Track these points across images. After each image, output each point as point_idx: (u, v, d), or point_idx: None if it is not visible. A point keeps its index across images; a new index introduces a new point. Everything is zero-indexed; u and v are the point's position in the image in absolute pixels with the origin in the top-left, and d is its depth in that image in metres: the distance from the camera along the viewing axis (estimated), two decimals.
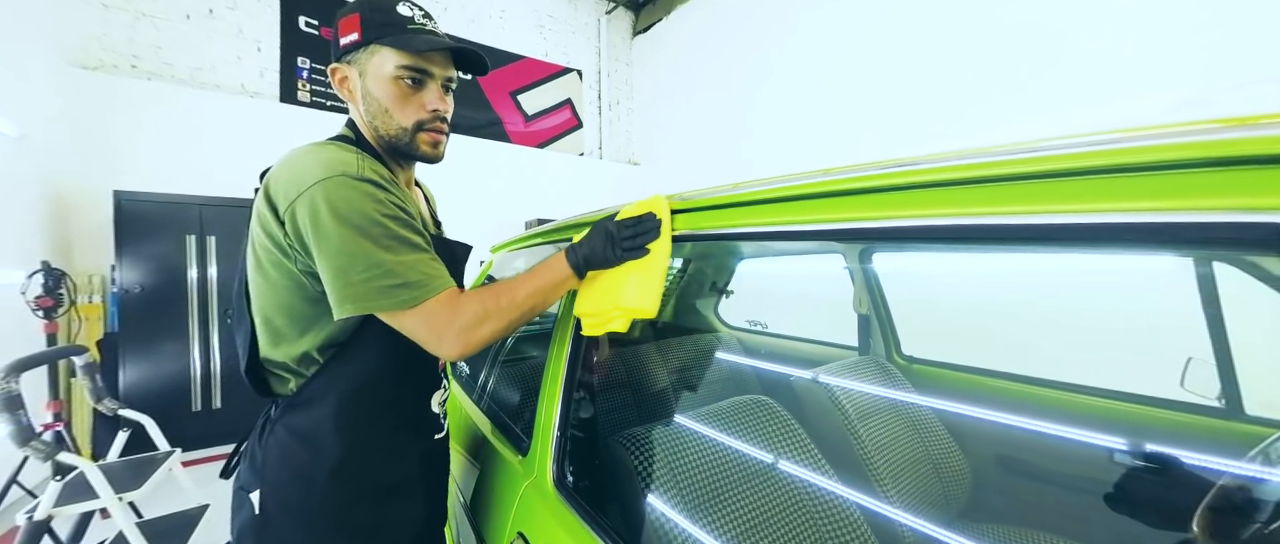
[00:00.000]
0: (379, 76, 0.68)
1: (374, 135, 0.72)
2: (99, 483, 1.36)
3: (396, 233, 0.62)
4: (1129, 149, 0.30)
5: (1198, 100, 2.11)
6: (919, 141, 3.00)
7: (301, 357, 0.67)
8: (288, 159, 0.65)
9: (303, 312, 0.65)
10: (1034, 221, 0.34)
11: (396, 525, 0.72)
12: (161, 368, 2.84)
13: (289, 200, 0.60)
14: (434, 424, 0.80)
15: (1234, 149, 0.27)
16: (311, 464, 0.67)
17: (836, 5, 3.58)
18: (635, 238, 0.66)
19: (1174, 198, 0.28)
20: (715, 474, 0.78)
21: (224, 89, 3.42)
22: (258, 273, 0.66)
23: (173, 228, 2.88)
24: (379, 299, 0.60)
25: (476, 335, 0.63)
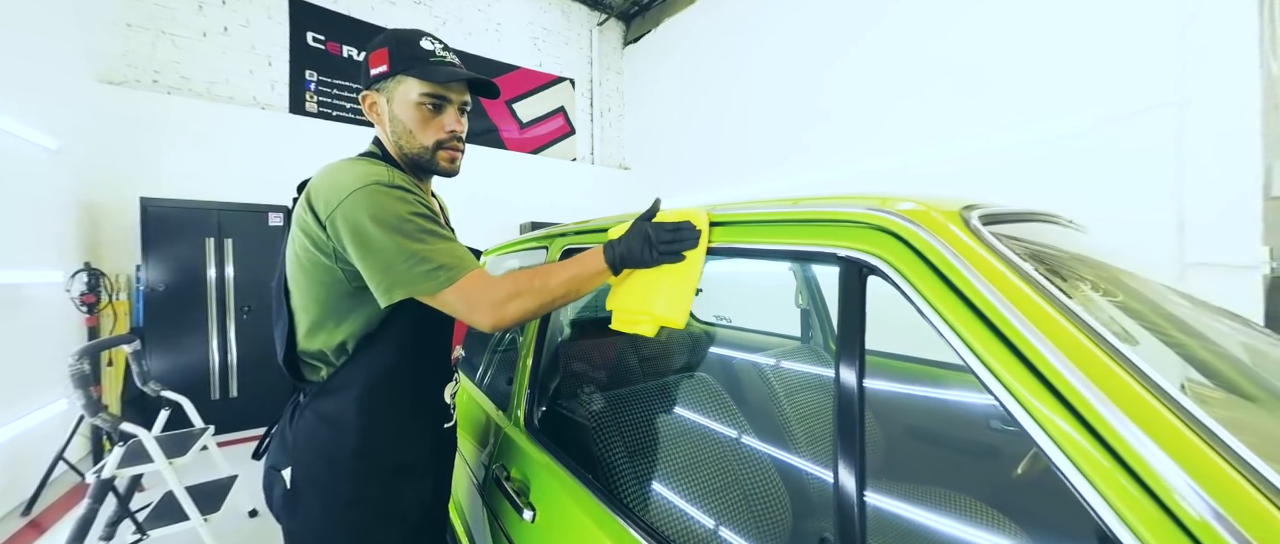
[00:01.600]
0: (405, 102, 0.77)
1: (398, 152, 0.81)
2: (154, 450, 1.61)
3: (427, 227, 0.70)
4: (820, 212, 0.57)
5: (1113, 118, 2.38)
6: (883, 146, 3.27)
7: (337, 346, 0.75)
8: (327, 172, 0.73)
9: (341, 304, 0.74)
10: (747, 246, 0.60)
11: (406, 503, 0.79)
12: (183, 359, 3.08)
13: (331, 208, 0.68)
14: (445, 413, 0.88)
15: (800, 216, 0.53)
16: (335, 445, 0.74)
17: (813, 21, 3.85)
18: (672, 244, 0.69)
19: (790, 239, 0.55)
20: (650, 427, 1.03)
21: (237, 101, 3.67)
22: (300, 272, 0.74)
23: (193, 231, 3.12)
24: (422, 283, 0.67)
25: (509, 310, 0.69)
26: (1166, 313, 0.67)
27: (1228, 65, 2.12)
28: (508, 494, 0.89)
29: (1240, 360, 0.67)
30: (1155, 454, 0.33)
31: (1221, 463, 0.32)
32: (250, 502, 2.23)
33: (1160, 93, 2.26)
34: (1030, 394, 0.37)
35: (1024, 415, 0.37)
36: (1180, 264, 2.23)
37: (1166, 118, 2.25)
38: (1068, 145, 2.51)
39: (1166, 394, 0.35)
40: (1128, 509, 0.33)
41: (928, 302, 0.44)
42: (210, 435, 2.03)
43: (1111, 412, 0.35)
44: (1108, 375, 0.36)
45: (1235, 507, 0.31)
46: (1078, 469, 0.35)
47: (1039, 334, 0.38)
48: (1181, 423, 0.33)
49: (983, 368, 0.40)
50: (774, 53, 4.14)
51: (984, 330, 0.40)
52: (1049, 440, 0.36)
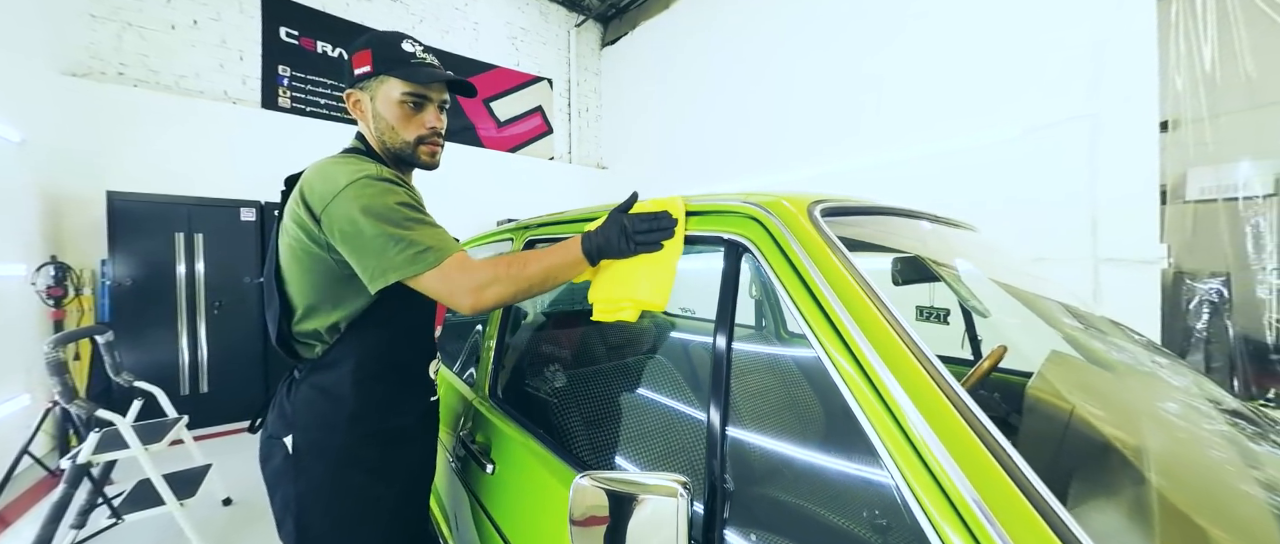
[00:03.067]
0: (387, 100, 0.83)
1: (381, 147, 0.87)
2: (130, 435, 1.67)
3: (412, 215, 0.76)
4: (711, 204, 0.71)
5: (1037, 127, 2.63)
6: (845, 150, 3.48)
7: (330, 327, 0.81)
8: (319, 168, 0.79)
9: (334, 290, 0.80)
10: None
11: (397, 466, 0.87)
12: (151, 355, 3.07)
13: (325, 202, 0.74)
14: (430, 387, 0.95)
15: (698, 208, 0.67)
16: (333, 412, 0.81)
17: (783, 31, 4.05)
18: (650, 233, 0.72)
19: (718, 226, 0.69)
20: (606, 399, 1.17)
21: (208, 96, 3.65)
22: (293, 261, 0.80)
23: (162, 226, 3.11)
24: (408, 266, 0.72)
25: (487, 295, 0.73)
26: (966, 286, 0.84)
27: (1132, 83, 2.38)
28: (473, 454, 1.01)
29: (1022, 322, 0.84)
30: (900, 393, 0.46)
31: (942, 397, 0.45)
32: (225, 490, 2.28)
33: (1077, 106, 2.51)
34: (831, 345, 0.51)
35: (825, 359, 0.52)
36: (1093, 259, 2.49)
37: (1082, 128, 2.50)
38: (1001, 151, 2.76)
39: (917, 346, 0.49)
40: (882, 430, 0.46)
41: (777, 275, 0.58)
42: (184, 425, 2.08)
43: (876, 358, 0.48)
44: (882, 333, 0.50)
45: (943, 428, 0.43)
46: (854, 397, 0.48)
47: (842, 304, 0.53)
48: (919, 365, 0.47)
49: (806, 326, 0.54)
50: (746, 59, 4.33)
51: (809, 299, 0.55)
52: (841, 378, 0.50)
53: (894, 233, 0.81)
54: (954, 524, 0.41)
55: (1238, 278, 2.96)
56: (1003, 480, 0.41)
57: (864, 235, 0.73)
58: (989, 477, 0.41)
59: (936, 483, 0.42)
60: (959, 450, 0.43)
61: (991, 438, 0.44)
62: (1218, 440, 0.73)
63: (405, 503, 0.89)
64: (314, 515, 0.81)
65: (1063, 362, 0.95)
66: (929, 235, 0.90)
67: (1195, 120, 3.09)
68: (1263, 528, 0.53)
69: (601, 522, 0.50)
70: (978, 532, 0.39)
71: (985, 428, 0.45)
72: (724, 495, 0.58)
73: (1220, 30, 2.93)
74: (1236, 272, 2.97)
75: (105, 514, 1.74)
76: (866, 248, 0.72)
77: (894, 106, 3.24)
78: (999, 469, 0.42)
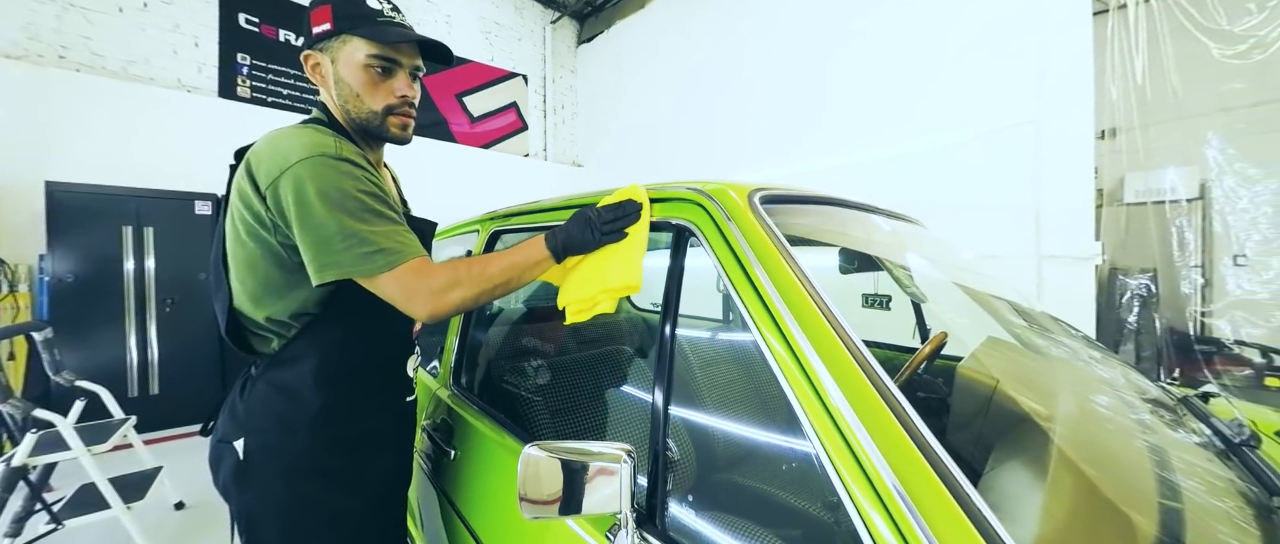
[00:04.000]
0: (350, 64, 0.73)
1: (346, 118, 0.77)
2: (71, 436, 1.59)
3: (372, 207, 0.67)
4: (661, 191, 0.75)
5: (987, 132, 2.79)
6: (813, 150, 3.59)
7: (280, 321, 0.73)
8: (269, 140, 0.69)
9: (279, 280, 0.71)
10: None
11: (369, 473, 0.78)
12: (95, 355, 2.90)
13: (272, 178, 0.65)
14: (407, 386, 0.86)
15: (666, 194, 0.71)
16: (293, 415, 0.72)
17: (754, 33, 4.14)
18: (615, 222, 0.69)
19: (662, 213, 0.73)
20: (565, 384, 1.19)
21: (159, 83, 3.47)
22: (237, 244, 0.71)
23: (108, 219, 2.94)
24: (358, 265, 0.65)
25: (447, 300, 0.67)
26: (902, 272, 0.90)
27: (1071, 92, 2.55)
28: (437, 443, 1.02)
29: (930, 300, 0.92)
30: (820, 366, 0.49)
31: (860, 372, 0.48)
32: (177, 494, 2.19)
33: (1023, 112, 2.68)
34: (764, 326, 0.55)
35: (759, 339, 0.55)
36: (1037, 256, 2.66)
37: (1027, 133, 2.66)
38: (955, 154, 2.91)
39: (842, 329, 0.52)
40: (807, 406, 0.48)
41: (717, 257, 0.62)
42: (131, 426, 1.98)
43: (803, 337, 0.52)
44: (808, 311, 0.54)
45: (861, 405, 0.46)
46: (784, 376, 0.51)
47: (774, 287, 0.56)
48: (844, 346, 0.51)
49: (743, 308, 0.58)
50: (717, 62, 4.41)
51: (745, 282, 0.59)
52: (773, 358, 0.53)
53: (837, 223, 0.87)
54: (868, 495, 0.42)
55: (1164, 275, 3.22)
56: (917, 458, 0.43)
57: (808, 224, 0.78)
58: (903, 454, 0.43)
59: (852, 454, 0.44)
60: (875, 426, 0.45)
61: (906, 415, 0.46)
62: (1118, 408, 0.81)
63: (374, 516, 0.79)
64: (265, 530, 0.72)
65: (996, 346, 1.03)
66: (871, 226, 0.97)
67: (1131, 129, 3.34)
68: (1141, 475, 0.60)
69: (550, 488, 0.53)
70: (889, 503, 0.41)
71: (900, 405, 0.47)
72: (667, 464, 0.62)
73: (1150, 47, 3.18)
74: (1163, 269, 3.23)
75: (44, 520, 1.65)
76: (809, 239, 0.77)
77: (855, 110, 3.38)
78: (912, 446, 0.43)
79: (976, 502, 0.40)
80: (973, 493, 0.41)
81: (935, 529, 0.38)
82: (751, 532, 0.74)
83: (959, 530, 0.38)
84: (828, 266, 1.11)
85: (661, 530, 0.57)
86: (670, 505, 0.60)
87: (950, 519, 0.39)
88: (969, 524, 0.38)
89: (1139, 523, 0.50)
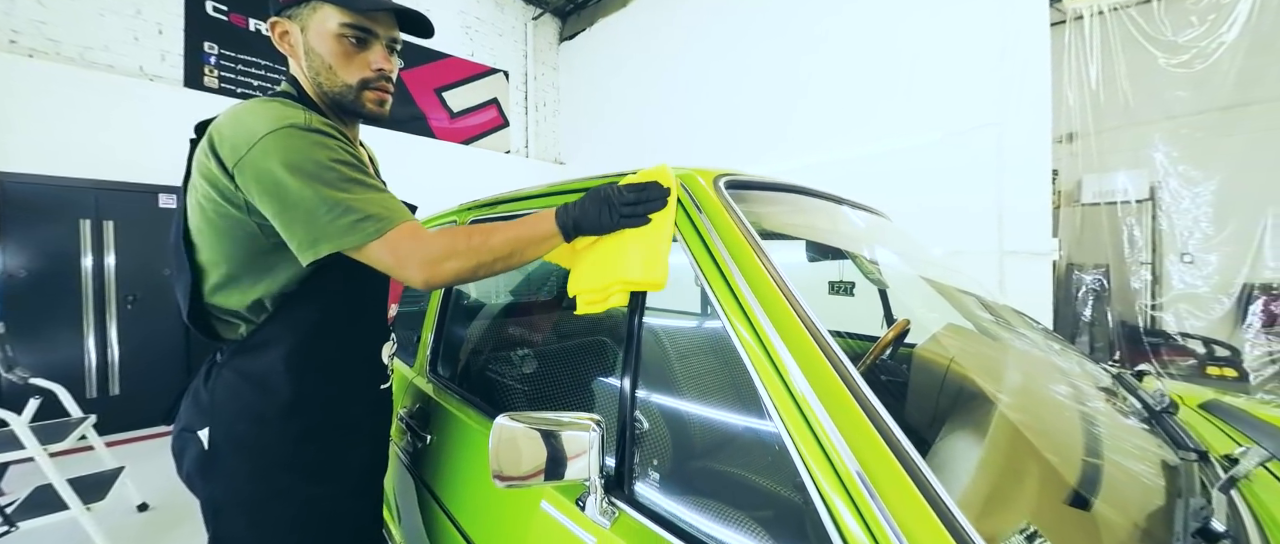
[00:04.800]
0: (321, 33, 0.68)
1: (317, 91, 0.72)
2: (26, 435, 1.53)
3: (350, 175, 0.63)
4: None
5: (954, 133, 2.91)
6: (792, 148, 3.68)
7: (253, 304, 0.68)
8: (232, 114, 0.65)
9: (257, 261, 0.67)
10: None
11: (345, 464, 0.75)
12: (51, 354, 2.78)
13: (238, 156, 0.61)
14: (381, 374, 0.82)
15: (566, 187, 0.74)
16: (262, 404, 0.68)
17: (735, 32, 4.21)
18: (637, 204, 0.63)
19: None
20: (552, 379, 1.21)
21: (119, 71, 3.33)
22: (205, 224, 0.66)
23: (64, 212, 2.82)
24: (347, 236, 0.61)
25: (442, 269, 0.63)
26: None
27: (1030, 96, 2.68)
28: (413, 430, 1.02)
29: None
30: (783, 348, 0.51)
31: (821, 355, 0.49)
32: (140, 495, 2.11)
33: (987, 114, 2.80)
34: (728, 305, 0.57)
35: (721, 312, 0.58)
36: (1000, 251, 2.79)
37: (990, 135, 2.79)
38: (924, 153, 3.02)
39: (803, 310, 0.54)
40: (769, 384, 0.49)
41: (683, 238, 0.66)
42: (91, 425, 1.91)
43: (762, 313, 0.54)
44: (773, 297, 0.56)
45: (821, 385, 0.47)
46: (749, 358, 0.53)
47: (734, 263, 0.59)
48: (804, 328, 0.52)
49: (706, 282, 0.61)
50: (697, 62, 4.47)
51: (707, 257, 0.62)
52: (737, 340, 0.54)
53: (801, 209, 0.91)
54: (830, 478, 0.43)
55: (1116, 270, 3.42)
56: (873, 437, 0.44)
57: (772, 211, 0.82)
58: (864, 437, 0.43)
59: (815, 437, 0.45)
60: (837, 410, 0.45)
61: (866, 398, 0.47)
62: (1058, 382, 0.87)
63: (349, 505, 0.77)
64: (232, 521, 0.69)
65: (952, 330, 1.09)
66: (834, 215, 1.01)
67: (1087, 134, 3.53)
68: (1072, 436, 0.66)
69: (521, 457, 0.55)
70: (849, 484, 0.42)
71: (861, 389, 0.48)
72: (635, 435, 0.64)
73: (1104, 55, 3.37)
74: (1115, 265, 3.42)
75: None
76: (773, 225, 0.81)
77: (829, 110, 3.47)
78: (873, 430, 0.44)
79: (934, 485, 0.41)
80: (931, 477, 0.42)
81: (895, 513, 0.39)
82: (719, 508, 0.77)
83: (919, 516, 0.39)
84: (792, 250, 1.15)
85: (629, 496, 0.60)
86: (639, 474, 0.63)
87: (908, 503, 0.40)
88: (929, 511, 0.39)
89: (1066, 475, 0.55)
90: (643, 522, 0.56)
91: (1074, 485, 0.52)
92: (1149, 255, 3.43)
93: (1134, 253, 3.44)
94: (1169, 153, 3.34)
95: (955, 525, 0.37)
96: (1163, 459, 0.59)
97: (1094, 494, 0.51)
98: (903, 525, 0.38)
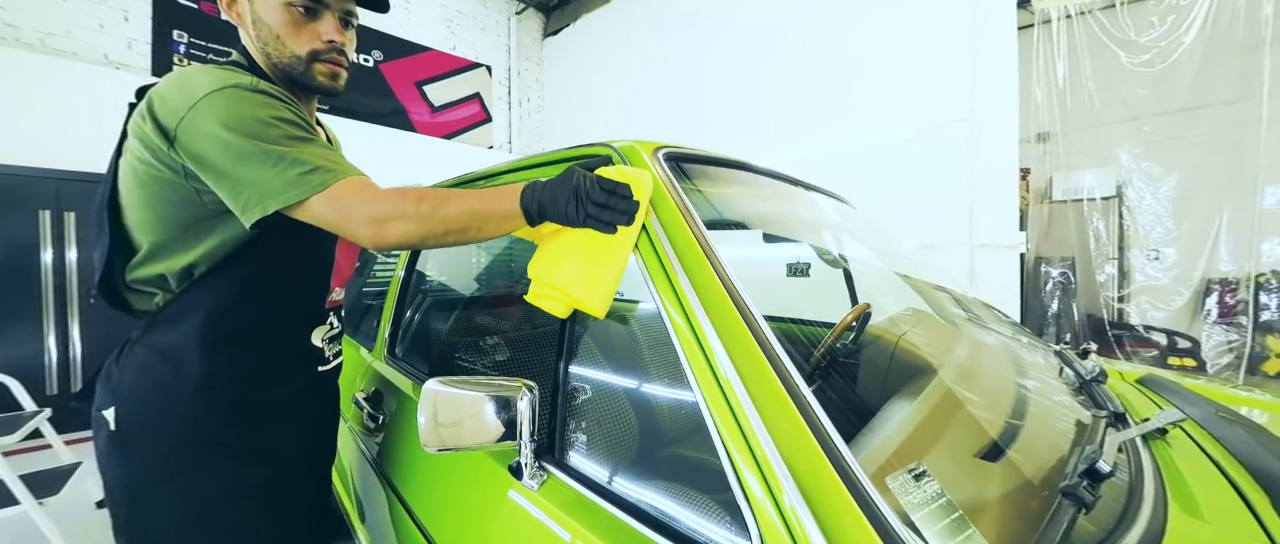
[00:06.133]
0: (269, 2, 0.67)
1: (267, 63, 0.71)
2: None
3: (295, 133, 0.61)
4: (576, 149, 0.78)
5: (928, 129, 2.97)
6: (775, 145, 3.71)
7: (181, 271, 0.66)
8: (174, 77, 0.63)
9: (196, 227, 0.65)
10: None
11: (272, 443, 0.71)
12: (7, 351, 2.68)
13: (179, 117, 0.59)
14: (315, 356, 0.79)
15: (564, 155, 0.74)
16: (173, 380, 0.65)
17: (719, 27, 4.24)
18: (605, 209, 0.58)
19: None
20: (515, 362, 1.20)
21: (82, 58, 3.23)
22: (138, 188, 0.64)
23: (21, 203, 2.72)
24: (290, 190, 0.58)
25: (389, 231, 0.59)
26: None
27: (998, 93, 2.75)
28: (369, 414, 1.01)
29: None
30: (708, 327, 0.50)
31: (749, 335, 0.48)
32: (99, 491, 2.05)
33: (959, 110, 2.87)
34: (655, 276, 0.56)
35: (651, 288, 0.57)
36: (970, 244, 2.85)
37: (962, 131, 2.85)
38: (900, 148, 3.08)
39: (732, 285, 0.54)
40: (695, 366, 0.49)
41: None
42: (46, 419, 1.85)
43: (690, 289, 0.53)
44: (702, 270, 0.55)
45: (748, 368, 0.46)
46: (673, 330, 0.53)
47: (667, 239, 0.58)
48: (732, 303, 0.52)
49: (639, 257, 0.60)
50: (680, 57, 4.49)
51: (641, 233, 0.62)
52: (663, 311, 0.54)
53: (745, 186, 0.92)
54: (745, 457, 0.42)
55: (1082, 264, 3.52)
56: (794, 416, 0.43)
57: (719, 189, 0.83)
58: (778, 406, 0.43)
59: (727, 401, 0.44)
60: (752, 380, 0.45)
61: (781, 363, 0.47)
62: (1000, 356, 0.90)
63: (290, 485, 0.74)
64: (149, 505, 0.65)
65: (917, 316, 1.12)
66: (782, 193, 1.03)
67: (1057, 133, 3.63)
68: (1003, 399, 0.68)
69: (452, 420, 0.55)
70: (759, 457, 0.41)
71: (776, 352, 0.48)
72: (569, 404, 0.65)
73: (1071, 56, 3.47)
74: (1081, 259, 3.52)
75: None
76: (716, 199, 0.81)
77: (809, 107, 3.52)
78: (788, 400, 0.44)
79: (841, 450, 0.40)
80: (836, 438, 0.41)
81: (801, 482, 0.38)
82: (644, 474, 0.76)
83: (820, 477, 0.38)
84: (734, 227, 1.14)
85: (559, 461, 0.60)
86: (571, 442, 0.64)
87: (814, 468, 0.39)
88: (835, 477, 0.38)
89: (983, 433, 0.57)
90: (571, 484, 0.56)
91: (990, 441, 0.54)
92: (1115, 250, 3.54)
93: (1099, 248, 3.54)
94: (1132, 151, 3.45)
95: (850, 475, 0.38)
96: (1078, 419, 0.61)
97: (1008, 448, 0.53)
98: (806, 491, 0.37)
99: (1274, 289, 2.94)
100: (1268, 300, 2.92)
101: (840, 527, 0.34)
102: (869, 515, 0.34)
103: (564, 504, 0.55)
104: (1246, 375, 2.97)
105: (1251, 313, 2.95)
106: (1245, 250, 3.01)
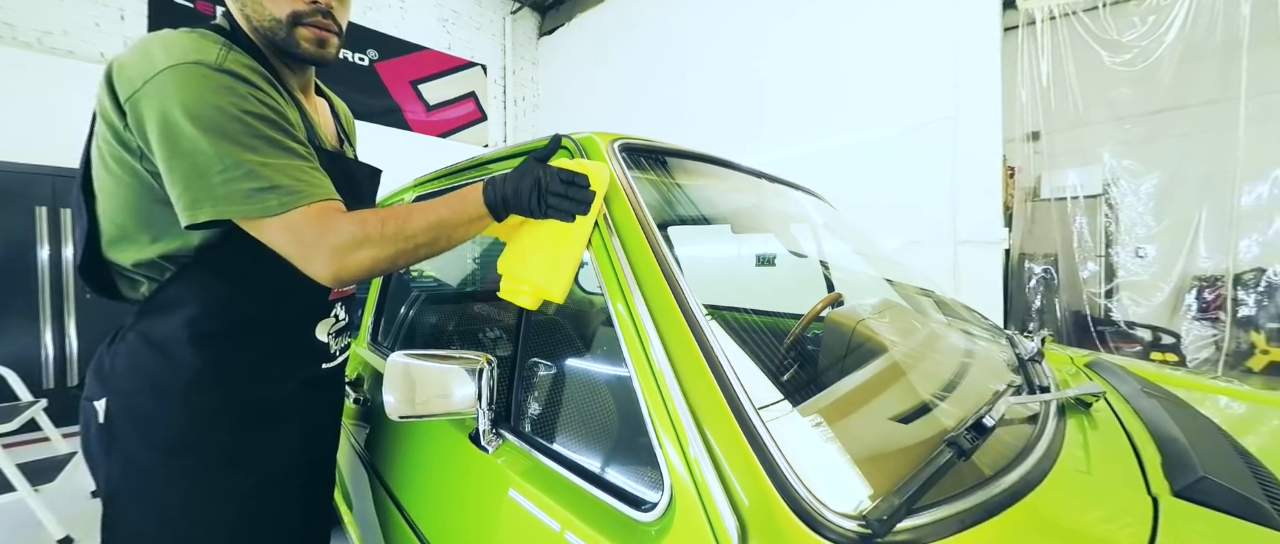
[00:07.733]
0: None
1: (249, 27, 0.64)
2: None
3: (261, 131, 0.55)
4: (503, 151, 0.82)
5: (909, 129, 3.02)
6: (766, 143, 3.76)
7: (149, 263, 0.61)
8: (138, 44, 0.57)
9: (153, 215, 0.59)
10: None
11: (265, 450, 0.67)
12: (4, 346, 2.72)
13: (132, 89, 0.53)
14: (318, 352, 0.74)
15: (526, 147, 0.78)
16: (165, 375, 0.61)
17: (712, 27, 4.28)
18: (564, 199, 0.57)
19: None
20: (484, 342, 1.25)
21: (79, 57, 3.27)
22: (102, 168, 0.60)
23: (18, 200, 2.77)
24: (240, 204, 0.53)
25: (352, 260, 0.55)
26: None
27: (982, 92, 2.80)
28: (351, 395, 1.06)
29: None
30: (645, 313, 0.53)
31: (680, 315, 0.51)
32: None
33: (943, 108, 2.91)
34: (599, 264, 0.59)
35: (596, 270, 0.60)
36: (954, 241, 2.90)
37: (946, 129, 2.90)
38: (885, 146, 3.13)
39: (671, 272, 0.56)
40: (629, 344, 0.52)
41: None
42: (41, 409, 1.90)
43: (631, 276, 0.56)
44: (641, 248, 0.58)
45: (676, 346, 0.49)
46: (615, 316, 0.56)
47: (615, 230, 0.61)
48: (669, 288, 0.55)
49: (589, 249, 0.64)
50: (675, 56, 4.53)
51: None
52: (608, 294, 0.57)
53: (703, 177, 0.97)
54: (660, 413, 0.46)
55: (1065, 261, 3.57)
56: (711, 386, 0.46)
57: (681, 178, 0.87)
58: (700, 379, 0.46)
59: (649, 366, 0.48)
60: (681, 356, 0.48)
61: (707, 341, 0.49)
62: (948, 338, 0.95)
63: (273, 496, 0.68)
64: (128, 508, 0.61)
65: (888, 306, 1.16)
66: (748, 187, 1.07)
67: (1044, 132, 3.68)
68: (941, 373, 0.72)
69: (415, 390, 0.59)
70: (675, 419, 0.45)
71: (704, 333, 0.50)
72: (524, 378, 0.69)
73: (1054, 57, 3.52)
74: (1064, 256, 3.57)
75: None
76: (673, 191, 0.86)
77: (799, 106, 3.57)
78: (708, 373, 0.46)
79: (757, 425, 0.43)
80: (755, 418, 0.44)
81: (721, 445, 0.41)
82: (588, 440, 0.78)
83: (733, 444, 0.42)
84: (694, 218, 1.18)
85: (515, 428, 0.65)
86: (526, 411, 0.68)
87: (728, 439, 0.42)
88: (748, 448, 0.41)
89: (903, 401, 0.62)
90: (524, 448, 0.61)
91: (912, 407, 0.59)
92: (1101, 248, 3.58)
93: (1082, 245, 3.59)
94: (1115, 150, 3.50)
95: (749, 427, 0.42)
96: (995, 390, 0.66)
97: (924, 412, 0.57)
98: (709, 443, 0.42)
99: (1252, 286, 2.99)
100: (1245, 297, 2.98)
101: (734, 465, 0.39)
102: (759, 456, 0.39)
103: (516, 466, 0.60)
104: (1230, 371, 3.02)
105: (1229, 308, 3.00)
106: (1223, 247, 3.07)
